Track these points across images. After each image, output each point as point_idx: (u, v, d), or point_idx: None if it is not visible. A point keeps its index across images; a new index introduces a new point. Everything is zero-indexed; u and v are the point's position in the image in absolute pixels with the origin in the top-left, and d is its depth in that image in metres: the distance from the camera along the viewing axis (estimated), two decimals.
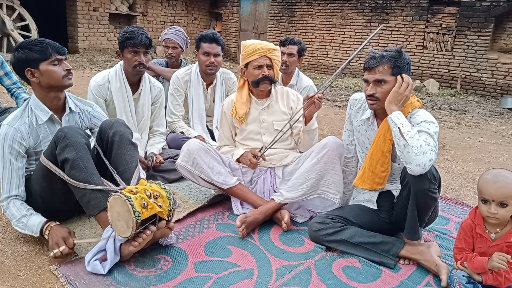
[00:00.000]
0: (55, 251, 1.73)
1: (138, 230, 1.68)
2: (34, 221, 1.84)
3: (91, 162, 1.86)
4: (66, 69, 1.94)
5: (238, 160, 2.42)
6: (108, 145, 2.02)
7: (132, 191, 1.69)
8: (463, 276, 1.66)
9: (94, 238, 1.92)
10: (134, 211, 1.61)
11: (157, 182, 1.84)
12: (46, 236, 1.81)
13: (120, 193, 1.66)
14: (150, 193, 1.72)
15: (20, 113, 1.95)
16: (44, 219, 1.85)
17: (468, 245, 1.69)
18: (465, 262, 1.66)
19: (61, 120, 2.04)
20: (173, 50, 3.61)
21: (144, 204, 1.66)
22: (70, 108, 2.06)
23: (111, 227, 1.73)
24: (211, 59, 3.06)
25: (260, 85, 2.36)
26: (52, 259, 1.80)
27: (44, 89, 1.94)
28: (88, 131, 2.16)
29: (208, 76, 3.17)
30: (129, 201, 1.62)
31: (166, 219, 1.79)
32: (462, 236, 1.71)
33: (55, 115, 2.01)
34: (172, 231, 1.90)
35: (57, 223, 1.86)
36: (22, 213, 1.85)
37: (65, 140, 1.80)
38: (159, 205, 1.72)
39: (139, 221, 1.64)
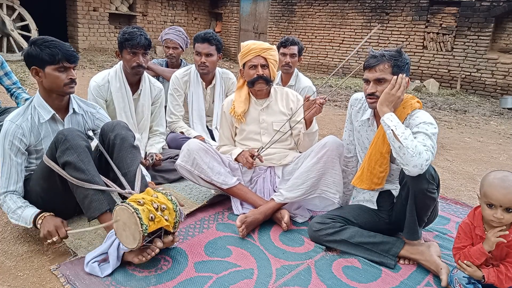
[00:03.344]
0: (48, 240, 1.73)
1: (144, 243, 1.67)
2: (29, 212, 1.84)
3: (92, 165, 1.86)
4: (70, 78, 1.92)
5: (236, 160, 2.42)
6: (109, 148, 2.02)
7: (139, 201, 1.67)
8: (463, 276, 1.65)
9: (88, 227, 1.88)
10: (141, 224, 1.60)
11: (164, 192, 1.82)
12: (38, 226, 1.80)
13: (127, 204, 1.65)
14: (158, 205, 1.70)
15: (23, 110, 1.96)
16: (38, 210, 1.85)
17: (467, 245, 1.69)
18: (465, 261, 1.65)
19: (63, 121, 2.04)
20: (173, 51, 3.61)
21: (151, 217, 1.65)
22: (73, 109, 2.06)
23: (115, 235, 1.72)
24: (203, 59, 3.05)
25: (255, 85, 2.37)
26: (52, 259, 1.80)
27: (46, 89, 1.95)
28: (90, 132, 2.16)
29: (203, 75, 3.17)
30: (137, 213, 1.60)
31: (172, 231, 1.78)
32: (461, 236, 1.70)
33: (57, 115, 2.01)
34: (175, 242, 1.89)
35: (51, 213, 1.85)
36: (18, 205, 1.86)
37: (65, 143, 1.80)
38: (166, 219, 1.71)
39: (146, 234, 1.63)
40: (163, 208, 1.72)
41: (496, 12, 8.36)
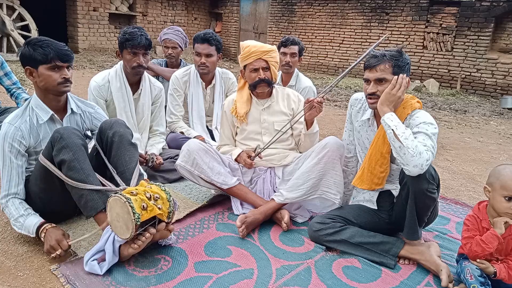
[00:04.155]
0: (53, 254, 1.75)
1: (137, 232, 1.68)
2: (31, 222, 1.84)
3: (87, 163, 1.85)
4: (64, 77, 1.91)
5: (235, 160, 2.42)
6: (107, 145, 2.01)
7: (132, 192, 1.68)
8: (476, 268, 1.66)
9: (87, 234, 1.88)
10: (134, 213, 1.61)
11: (157, 183, 1.83)
12: (42, 239, 1.81)
13: (120, 194, 1.66)
14: (150, 195, 1.71)
15: (21, 112, 1.95)
16: (40, 220, 1.85)
17: (477, 235, 1.69)
18: (477, 260, 1.65)
19: (62, 121, 2.04)
20: (173, 50, 3.61)
21: (144, 206, 1.66)
22: (71, 109, 2.06)
23: (111, 228, 1.73)
24: (202, 59, 3.05)
25: (257, 88, 2.38)
26: (52, 259, 1.80)
27: (41, 89, 1.94)
28: (89, 132, 2.16)
29: (203, 75, 3.17)
30: (129, 202, 1.61)
31: (166, 221, 1.78)
32: (470, 228, 1.70)
33: (55, 115, 2.00)
34: (172, 232, 1.90)
35: (53, 224, 1.86)
36: (19, 213, 1.86)
37: (61, 142, 1.79)
38: (159, 207, 1.72)
39: (138, 223, 1.63)
40: (156, 197, 1.73)
41: (496, 12, 8.36)
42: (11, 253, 1.85)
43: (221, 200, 2.49)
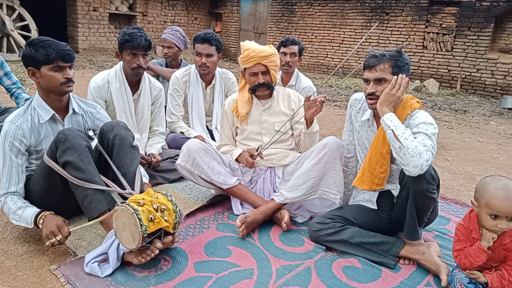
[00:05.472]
0: (52, 240, 1.72)
1: (143, 244, 1.67)
2: (29, 212, 1.84)
3: (92, 165, 1.85)
4: (66, 77, 1.90)
5: (236, 160, 2.42)
6: (108, 148, 2.01)
7: (139, 202, 1.67)
8: (465, 277, 1.65)
9: (89, 222, 1.83)
10: (141, 225, 1.60)
11: (163, 192, 1.82)
12: (40, 226, 1.80)
13: (127, 204, 1.65)
14: (157, 206, 1.71)
15: (23, 111, 1.96)
16: (38, 210, 1.85)
17: (467, 246, 1.68)
18: (467, 271, 1.64)
19: (63, 121, 2.04)
20: (168, 50, 3.60)
21: (151, 218, 1.65)
22: (73, 109, 2.06)
23: (115, 235, 1.72)
24: (203, 59, 3.06)
25: (256, 91, 2.39)
26: (52, 259, 1.80)
27: (44, 90, 1.95)
28: (90, 132, 2.16)
29: (203, 76, 3.17)
30: (136, 214, 1.61)
31: (172, 232, 1.78)
32: (461, 238, 1.69)
33: (57, 115, 2.01)
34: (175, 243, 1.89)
35: (52, 212, 1.85)
36: (18, 206, 1.86)
37: (66, 143, 1.79)
38: (165, 219, 1.71)
39: (145, 235, 1.63)
40: (163, 209, 1.72)
41: (496, 12, 8.36)
42: (11, 253, 1.85)
43: (221, 200, 2.49)
